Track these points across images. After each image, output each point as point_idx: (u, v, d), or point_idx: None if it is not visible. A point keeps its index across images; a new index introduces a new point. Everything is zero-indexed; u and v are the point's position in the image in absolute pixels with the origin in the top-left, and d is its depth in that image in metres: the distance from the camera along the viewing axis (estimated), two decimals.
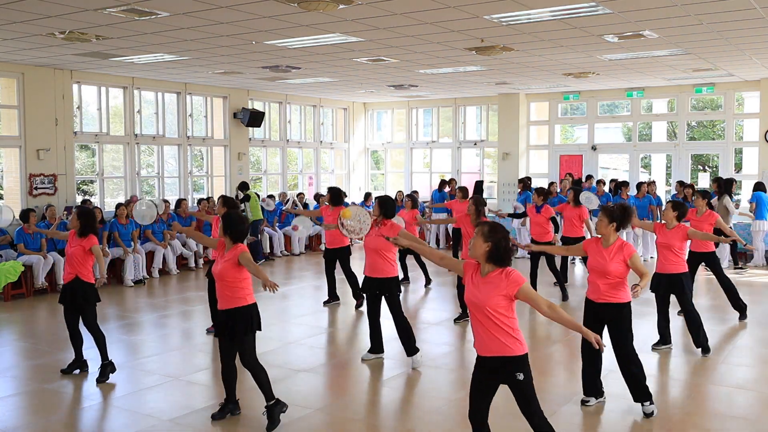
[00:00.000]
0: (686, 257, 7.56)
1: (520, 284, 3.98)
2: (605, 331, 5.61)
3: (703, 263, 8.73)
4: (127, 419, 5.70)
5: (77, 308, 6.62)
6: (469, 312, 4.15)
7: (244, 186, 14.45)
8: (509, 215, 11.50)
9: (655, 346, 7.48)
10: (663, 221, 7.42)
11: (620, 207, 5.66)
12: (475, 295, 4.04)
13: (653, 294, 7.43)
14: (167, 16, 8.24)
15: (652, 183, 14.47)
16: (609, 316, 5.57)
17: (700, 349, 7.35)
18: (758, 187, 13.50)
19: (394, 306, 6.96)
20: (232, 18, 8.36)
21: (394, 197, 10.35)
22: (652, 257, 13.50)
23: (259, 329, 5.45)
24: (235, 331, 5.32)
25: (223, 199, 8.12)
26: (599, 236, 5.67)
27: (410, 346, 6.96)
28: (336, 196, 9.80)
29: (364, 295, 7.27)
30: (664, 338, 7.51)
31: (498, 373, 4.07)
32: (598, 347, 4.03)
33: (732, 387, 6.57)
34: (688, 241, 7.62)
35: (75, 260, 6.59)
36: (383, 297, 7.01)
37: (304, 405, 5.81)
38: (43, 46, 10.16)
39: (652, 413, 5.58)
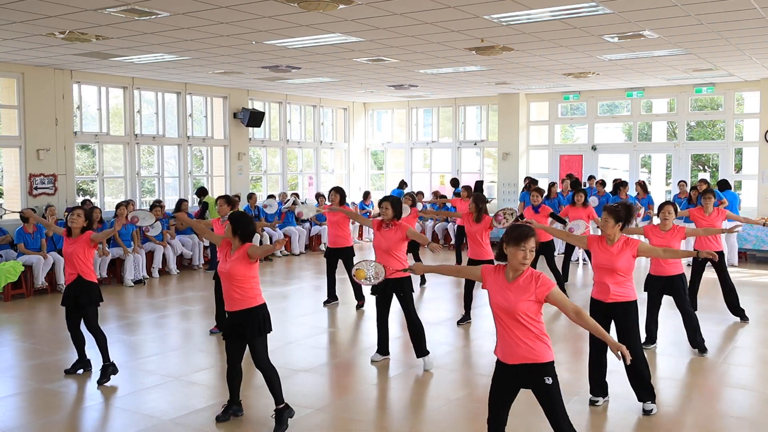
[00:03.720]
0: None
1: (550, 288, 3.92)
2: (612, 330, 5.60)
3: (709, 263, 8.63)
4: (128, 419, 5.70)
5: (81, 308, 6.56)
6: (496, 318, 4.03)
7: (202, 192, 14.21)
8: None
9: (644, 345, 7.47)
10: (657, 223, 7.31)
11: (624, 206, 5.65)
12: (504, 300, 3.95)
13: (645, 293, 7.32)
14: (167, 16, 8.24)
15: (599, 182, 14.66)
16: (617, 314, 5.56)
17: (697, 350, 7.35)
18: (724, 185, 13.38)
19: (408, 306, 6.89)
20: (232, 18, 8.36)
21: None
22: None
23: (270, 330, 5.39)
24: (248, 333, 5.26)
25: (226, 199, 8.22)
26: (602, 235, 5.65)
27: (421, 348, 6.92)
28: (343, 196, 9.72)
29: (375, 297, 7.11)
30: (651, 337, 7.49)
31: (524, 378, 3.99)
32: (622, 359, 3.81)
33: (732, 387, 6.58)
34: (688, 240, 7.55)
35: (76, 259, 6.51)
36: (397, 297, 6.93)
37: (305, 405, 5.81)
38: (43, 46, 10.16)
39: (652, 411, 5.61)
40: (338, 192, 9.73)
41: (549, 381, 3.94)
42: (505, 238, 3.98)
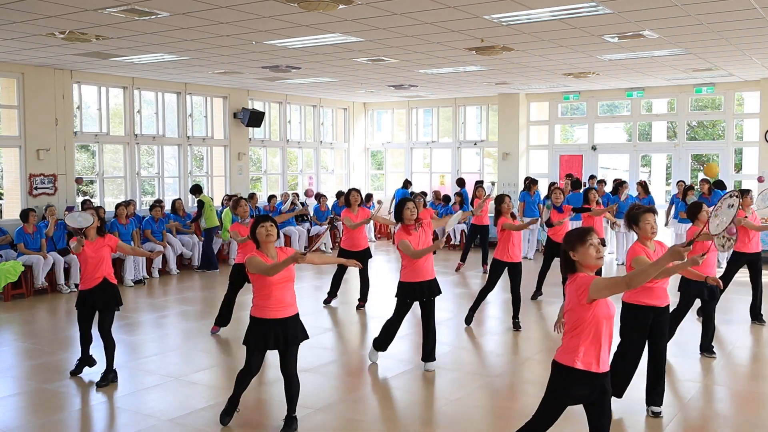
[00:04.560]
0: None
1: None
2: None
3: (746, 264, 8.52)
4: (128, 419, 5.71)
5: (107, 311, 6.48)
6: (599, 329, 3.77)
7: (197, 189, 13.70)
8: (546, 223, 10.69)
9: None
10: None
11: (639, 206, 5.63)
12: (610, 308, 3.82)
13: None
14: (167, 16, 8.24)
15: (600, 181, 14.70)
16: (663, 317, 5.50)
17: (705, 353, 7.29)
18: (719, 185, 13.32)
19: (433, 311, 6.86)
20: (232, 18, 8.36)
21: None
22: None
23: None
24: (298, 339, 5.22)
25: (246, 200, 8.56)
26: (637, 241, 5.47)
27: (432, 354, 6.92)
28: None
29: (397, 298, 6.86)
30: None
31: (596, 386, 3.83)
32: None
33: (732, 386, 6.58)
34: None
35: (106, 262, 6.45)
36: (427, 301, 6.79)
37: (305, 405, 5.80)
38: (43, 46, 10.16)
39: (660, 413, 5.59)
40: (359, 193, 9.71)
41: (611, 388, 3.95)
42: (568, 246, 3.82)
